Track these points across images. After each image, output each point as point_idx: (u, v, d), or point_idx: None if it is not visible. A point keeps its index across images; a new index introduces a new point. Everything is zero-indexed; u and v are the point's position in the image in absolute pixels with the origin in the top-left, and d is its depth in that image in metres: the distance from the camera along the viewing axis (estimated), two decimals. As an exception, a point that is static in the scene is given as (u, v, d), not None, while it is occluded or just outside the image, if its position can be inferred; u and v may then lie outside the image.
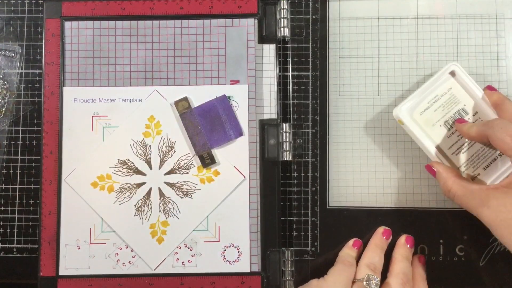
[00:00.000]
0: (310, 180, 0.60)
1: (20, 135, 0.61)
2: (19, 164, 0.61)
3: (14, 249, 0.60)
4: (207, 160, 0.59)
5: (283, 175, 0.61)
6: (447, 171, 0.54)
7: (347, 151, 0.61)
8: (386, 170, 0.60)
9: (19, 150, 0.61)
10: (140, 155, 0.59)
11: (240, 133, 0.59)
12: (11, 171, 0.61)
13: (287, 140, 0.60)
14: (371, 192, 0.60)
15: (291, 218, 0.60)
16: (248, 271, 0.59)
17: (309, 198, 0.60)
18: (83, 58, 0.60)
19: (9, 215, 0.61)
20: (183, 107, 0.59)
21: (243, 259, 0.59)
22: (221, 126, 0.59)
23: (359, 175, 0.60)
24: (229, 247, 0.59)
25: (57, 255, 0.58)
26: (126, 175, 0.59)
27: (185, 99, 0.59)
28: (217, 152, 0.59)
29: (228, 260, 0.59)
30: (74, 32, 0.60)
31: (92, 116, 0.59)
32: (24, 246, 0.60)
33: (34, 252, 0.60)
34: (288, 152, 0.60)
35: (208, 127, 0.59)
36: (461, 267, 0.58)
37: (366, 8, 0.62)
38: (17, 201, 0.61)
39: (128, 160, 0.59)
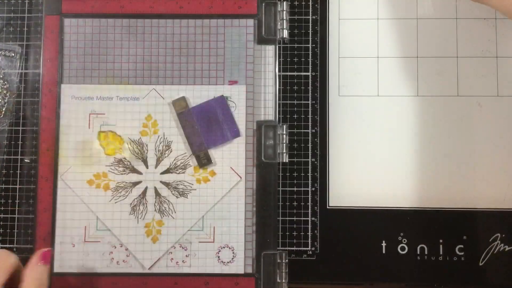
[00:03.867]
0: (310, 180, 0.60)
1: (20, 135, 0.61)
2: (19, 164, 0.61)
3: (14, 249, 0.60)
4: (204, 160, 0.58)
5: (283, 175, 0.60)
6: None
7: (347, 151, 0.60)
8: (386, 170, 0.60)
9: (19, 150, 0.61)
10: (137, 154, 0.59)
11: (237, 134, 0.59)
12: (11, 171, 0.61)
13: (284, 142, 0.59)
14: (371, 192, 0.59)
15: (291, 218, 0.59)
16: (242, 272, 0.58)
17: (309, 198, 0.60)
18: (81, 56, 0.60)
19: (9, 215, 0.60)
20: (180, 106, 0.59)
21: (238, 260, 0.58)
22: (218, 127, 0.59)
23: (359, 175, 0.60)
24: (224, 247, 0.58)
25: (52, 252, 0.58)
26: (122, 174, 0.59)
27: (183, 98, 0.59)
28: (214, 153, 0.59)
29: (222, 261, 0.58)
30: (73, 29, 0.60)
31: (89, 114, 0.59)
32: (24, 246, 0.60)
33: (33, 252, 0.59)
34: (284, 154, 0.59)
35: (205, 127, 0.59)
36: (461, 267, 0.57)
37: (366, 9, 0.62)
38: (17, 201, 0.60)
39: (124, 158, 0.59)
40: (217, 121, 0.59)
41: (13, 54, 0.62)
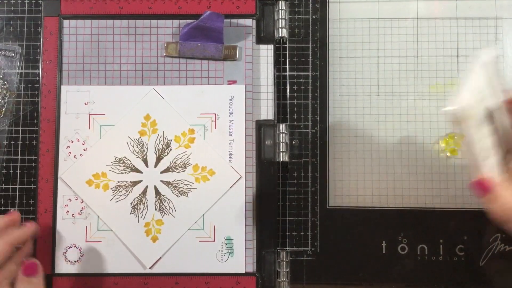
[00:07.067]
0: (310, 180, 0.60)
1: (20, 135, 0.61)
2: (19, 164, 0.61)
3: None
4: (232, 51, 0.59)
5: (283, 175, 0.60)
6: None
7: (347, 151, 0.60)
8: (386, 170, 0.59)
9: (19, 150, 0.61)
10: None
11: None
12: (11, 171, 0.61)
13: (284, 141, 0.59)
14: (371, 192, 0.59)
15: (291, 218, 0.59)
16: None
17: (309, 198, 0.60)
18: (81, 57, 0.60)
19: (9, 216, 0.60)
20: (173, 48, 0.59)
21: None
22: (209, 32, 0.59)
23: (359, 175, 0.60)
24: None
25: (53, 253, 0.58)
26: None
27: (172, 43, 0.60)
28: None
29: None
30: (72, 31, 0.60)
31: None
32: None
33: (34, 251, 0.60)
34: (284, 153, 0.59)
35: (203, 39, 0.59)
36: (461, 267, 0.57)
37: (366, 9, 0.61)
38: (17, 201, 0.60)
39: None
40: (204, 31, 0.59)
41: (13, 54, 0.61)
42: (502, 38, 0.60)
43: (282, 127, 0.60)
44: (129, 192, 0.59)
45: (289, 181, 0.60)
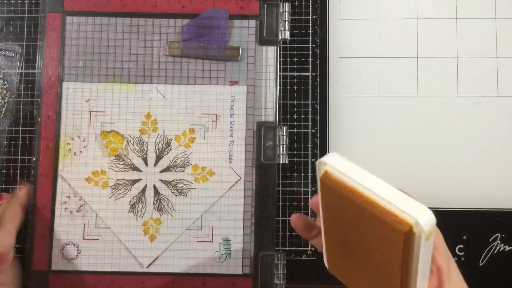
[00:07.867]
0: (310, 180, 0.60)
1: (20, 135, 0.61)
2: (19, 164, 0.61)
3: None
4: (235, 52, 0.59)
5: (282, 175, 0.60)
6: None
7: (347, 151, 0.60)
8: (386, 170, 0.59)
9: (19, 150, 0.61)
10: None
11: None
12: (11, 171, 0.61)
13: (284, 143, 0.59)
14: (369, 193, 0.59)
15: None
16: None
17: (309, 198, 0.59)
18: (83, 54, 0.60)
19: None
20: (175, 47, 0.60)
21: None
22: (212, 29, 0.59)
23: (358, 176, 0.59)
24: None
25: (50, 249, 0.58)
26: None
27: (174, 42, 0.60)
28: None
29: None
30: (74, 27, 0.60)
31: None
32: (24, 246, 0.59)
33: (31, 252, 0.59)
34: (284, 155, 0.59)
35: (205, 39, 0.59)
36: (460, 267, 0.56)
37: (366, 9, 0.62)
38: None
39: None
40: (208, 28, 0.59)
41: (13, 54, 0.62)
42: (502, 39, 0.60)
43: (282, 129, 0.59)
44: (128, 191, 0.58)
45: (289, 181, 0.60)
